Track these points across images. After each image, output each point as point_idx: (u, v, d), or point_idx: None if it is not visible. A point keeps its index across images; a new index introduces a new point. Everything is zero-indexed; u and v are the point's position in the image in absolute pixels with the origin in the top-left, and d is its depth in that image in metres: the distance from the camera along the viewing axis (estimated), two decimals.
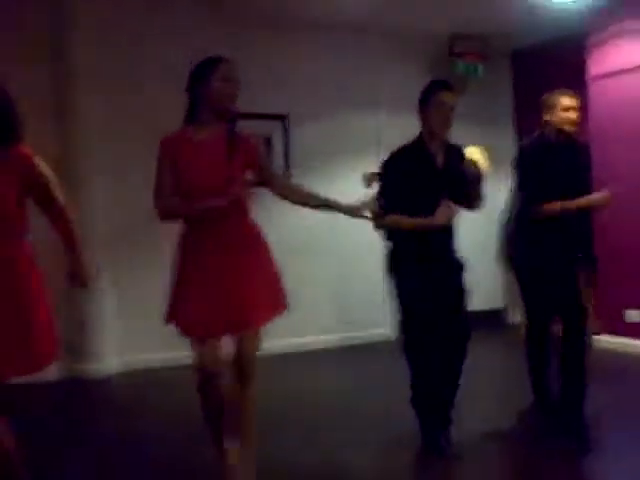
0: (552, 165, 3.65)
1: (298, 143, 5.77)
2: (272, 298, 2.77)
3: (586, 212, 3.87)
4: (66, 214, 2.60)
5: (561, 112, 3.66)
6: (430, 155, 3.28)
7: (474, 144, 6.78)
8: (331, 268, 5.90)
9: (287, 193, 2.87)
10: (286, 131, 5.77)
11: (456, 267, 3.37)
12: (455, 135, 5.94)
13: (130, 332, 5.07)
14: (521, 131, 6.71)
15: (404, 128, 3.85)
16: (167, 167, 2.69)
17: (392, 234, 3.37)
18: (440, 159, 3.30)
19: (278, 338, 5.59)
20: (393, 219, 3.21)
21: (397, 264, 3.34)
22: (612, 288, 5.34)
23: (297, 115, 5.76)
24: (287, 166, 5.74)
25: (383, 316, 5.99)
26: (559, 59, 6.11)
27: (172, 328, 2.83)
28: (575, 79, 5.67)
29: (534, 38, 6.29)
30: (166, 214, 2.71)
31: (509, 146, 6.29)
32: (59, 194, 2.57)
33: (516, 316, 6.30)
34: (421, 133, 3.32)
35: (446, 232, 3.32)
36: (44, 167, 2.53)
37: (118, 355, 5.09)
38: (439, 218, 3.18)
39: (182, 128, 2.76)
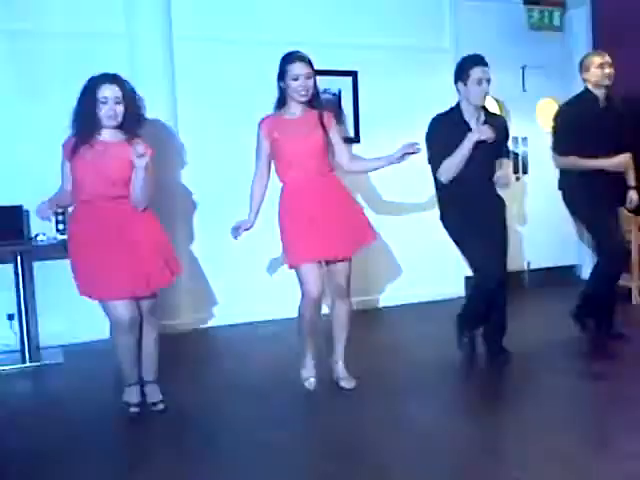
0: (590, 119, 4.12)
1: (367, 99, 5.75)
2: (360, 231, 3.56)
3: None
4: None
5: (597, 69, 4.14)
6: (465, 121, 3.85)
7: (549, 96, 6.64)
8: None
9: (349, 164, 3.66)
10: (355, 87, 5.76)
11: (499, 204, 3.97)
12: (530, 88, 5.82)
13: (204, 291, 5.24)
14: None
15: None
16: (265, 143, 3.52)
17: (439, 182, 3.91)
18: (474, 123, 3.85)
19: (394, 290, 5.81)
20: (446, 163, 3.79)
21: (444, 209, 3.94)
22: None
23: (367, 72, 5.72)
24: (356, 121, 5.75)
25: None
26: None
27: (248, 288, 3.05)
28: None
29: None
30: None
31: None
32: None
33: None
34: (459, 102, 3.88)
35: (486, 175, 3.87)
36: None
37: (191, 313, 5.24)
38: (478, 134, 3.72)
39: (275, 113, 3.54)
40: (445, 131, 3.86)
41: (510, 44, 6.23)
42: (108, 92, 3.17)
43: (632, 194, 4.47)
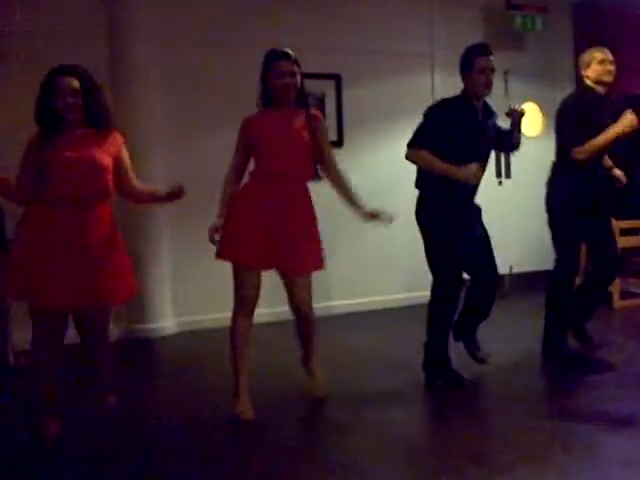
0: (595, 114, 3.95)
1: (351, 102, 5.73)
2: (314, 253, 3.36)
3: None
4: (139, 189, 3.24)
5: (597, 66, 3.98)
6: (474, 108, 3.71)
7: (531, 101, 6.68)
8: None
9: (332, 176, 3.43)
10: (339, 91, 5.74)
11: (479, 213, 3.80)
12: (513, 91, 5.79)
13: (185, 295, 5.22)
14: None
15: (458, 86, 3.82)
16: (243, 144, 3.35)
17: (424, 181, 3.71)
18: (480, 114, 3.74)
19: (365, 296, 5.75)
20: (426, 156, 3.57)
21: (428, 210, 3.69)
22: None
23: (350, 75, 5.71)
24: (339, 125, 5.71)
25: None
26: (623, 11, 5.87)
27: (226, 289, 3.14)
28: None
29: None
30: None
31: None
32: (133, 176, 3.21)
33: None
34: (465, 90, 3.73)
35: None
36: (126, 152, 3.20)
37: (174, 316, 5.23)
38: (468, 175, 3.51)
39: (259, 111, 3.37)
40: (447, 115, 3.66)
41: (493, 48, 6.23)
42: (63, 84, 2.98)
43: (616, 172, 4.29)
